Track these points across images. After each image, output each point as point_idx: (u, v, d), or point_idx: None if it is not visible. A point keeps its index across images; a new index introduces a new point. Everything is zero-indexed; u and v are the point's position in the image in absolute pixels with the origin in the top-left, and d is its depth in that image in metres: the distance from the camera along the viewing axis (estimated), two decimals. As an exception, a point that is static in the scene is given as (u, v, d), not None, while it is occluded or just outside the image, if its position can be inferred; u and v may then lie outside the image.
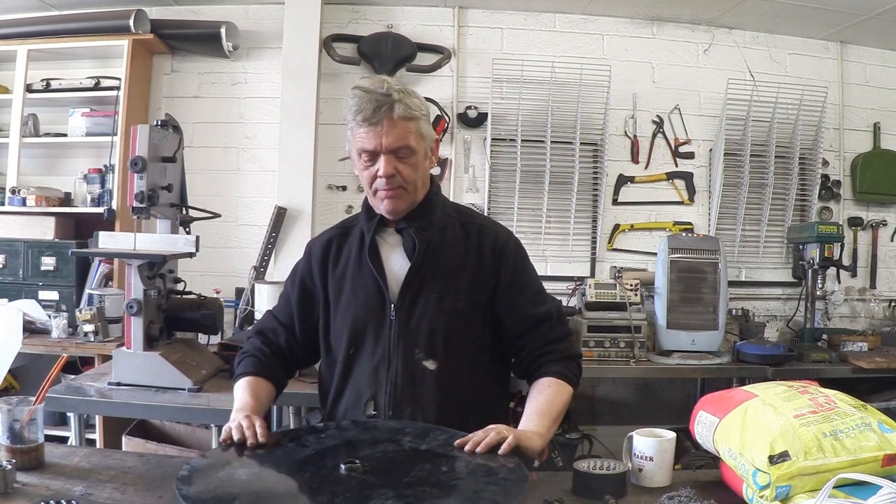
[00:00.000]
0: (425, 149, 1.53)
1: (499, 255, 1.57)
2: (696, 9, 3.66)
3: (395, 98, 1.44)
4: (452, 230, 1.58)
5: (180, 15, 3.66)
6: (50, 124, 3.60)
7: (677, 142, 3.83)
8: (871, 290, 3.94)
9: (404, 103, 1.45)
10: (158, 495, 1.23)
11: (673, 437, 1.39)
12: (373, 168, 1.48)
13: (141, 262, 2.15)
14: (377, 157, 1.47)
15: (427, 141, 1.53)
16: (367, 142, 1.46)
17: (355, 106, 1.45)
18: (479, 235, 1.58)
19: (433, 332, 1.51)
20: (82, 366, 3.02)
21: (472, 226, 1.60)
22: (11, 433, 1.32)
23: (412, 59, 3.66)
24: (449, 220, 1.59)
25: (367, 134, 1.45)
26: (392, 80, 1.50)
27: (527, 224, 3.72)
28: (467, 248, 1.57)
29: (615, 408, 3.80)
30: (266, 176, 3.67)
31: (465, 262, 1.55)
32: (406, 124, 1.46)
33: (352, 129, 1.49)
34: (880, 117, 3.93)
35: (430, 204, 1.58)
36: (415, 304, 1.52)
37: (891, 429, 1.20)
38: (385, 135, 1.44)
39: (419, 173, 1.52)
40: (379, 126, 1.44)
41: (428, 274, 1.53)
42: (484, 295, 1.55)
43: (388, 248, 1.58)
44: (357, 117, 1.45)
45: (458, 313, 1.52)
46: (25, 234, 3.36)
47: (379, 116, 1.43)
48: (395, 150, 1.46)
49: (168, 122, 2.34)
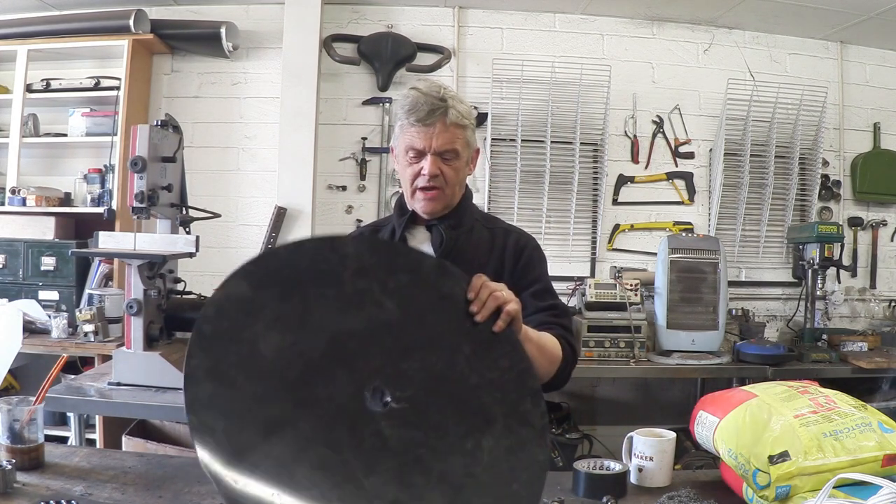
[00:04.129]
0: (468, 156, 1.59)
1: (518, 254, 1.61)
2: (696, 9, 3.66)
3: (449, 104, 1.49)
4: (479, 233, 1.63)
5: (180, 15, 3.66)
6: (50, 124, 3.60)
7: (677, 142, 3.84)
8: (871, 290, 3.94)
9: (457, 110, 1.51)
10: (158, 495, 1.23)
11: (673, 437, 1.39)
12: (416, 166, 1.53)
13: (141, 262, 2.15)
14: (423, 157, 1.52)
15: (471, 149, 1.59)
16: (417, 140, 1.51)
17: (409, 105, 1.50)
18: (504, 237, 1.63)
19: None
20: (82, 366, 3.02)
21: (497, 230, 1.66)
22: (11, 433, 1.32)
23: (412, 59, 3.66)
24: (476, 224, 1.65)
25: (419, 133, 1.50)
26: (447, 86, 1.55)
27: (527, 224, 3.70)
28: (492, 248, 1.61)
29: (615, 408, 3.79)
30: (266, 176, 3.67)
31: (489, 260, 1.59)
32: (456, 130, 1.51)
33: (402, 127, 1.54)
34: (880, 117, 3.93)
35: (462, 207, 1.63)
36: None
37: (891, 429, 1.20)
38: (436, 137, 1.49)
39: (459, 177, 1.57)
40: (431, 128, 1.49)
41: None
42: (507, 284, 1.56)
43: (416, 244, 1.62)
44: (410, 117, 1.50)
45: None
46: (25, 234, 3.36)
47: (433, 119, 1.48)
48: (442, 153, 1.51)
49: (168, 122, 2.34)
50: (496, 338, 1.16)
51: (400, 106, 1.54)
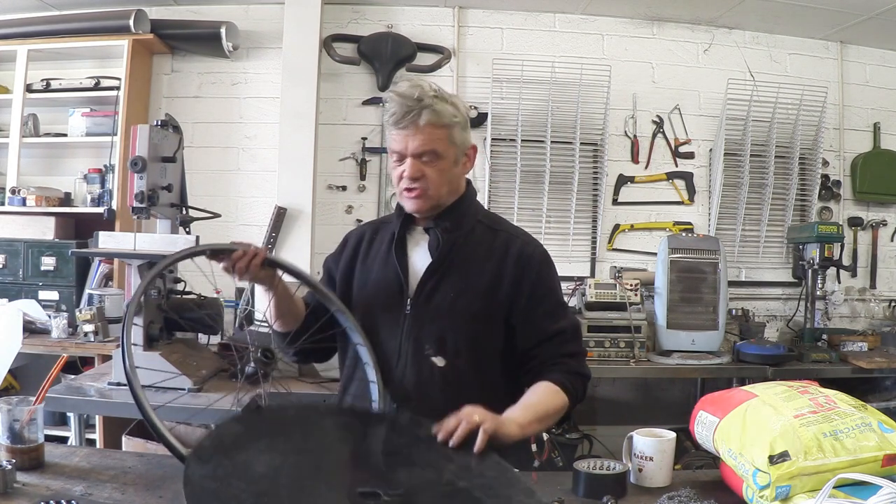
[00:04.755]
0: (456, 154, 1.56)
1: (524, 265, 1.58)
2: (696, 9, 3.66)
3: (425, 104, 1.48)
4: (480, 235, 1.61)
5: (180, 15, 3.66)
6: (50, 124, 3.60)
7: (677, 142, 3.83)
8: (871, 290, 3.94)
9: (434, 110, 1.49)
10: (158, 495, 1.23)
11: (673, 437, 1.39)
12: (400, 168, 1.53)
13: (141, 262, 2.15)
14: (405, 159, 1.52)
15: (459, 147, 1.56)
16: (395, 144, 1.52)
17: (388, 109, 1.52)
18: (507, 243, 1.60)
19: (444, 329, 1.53)
20: (82, 366, 3.02)
21: (500, 233, 1.63)
22: (11, 433, 1.32)
23: (412, 59, 3.66)
24: (478, 226, 1.62)
25: (397, 136, 1.51)
26: (429, 85, 1.53)
27: (527, 224, 3.70)
28: (491, 252, 1.59)
29: (615, 408, 3.79)
30: (266, 176, 3.67)
31: (487, 266, 1.57)
32: (433, 131, 1.50)
33: (388, 130, 1.56)
34: (880, 117, 3.93)
35: (461, 207, 1.61)
36: (430, 300, 1.54)
37: (891, 429, 1.20)
38: (411, 140, 1.50)
39: (445, 178, 1.55)
40: (406, 130, 1.50)
41: (448, 272, 1.55)
42: (501, 300, 1.56)
43: (414, 245, 1.62)
44: (389, 120, 1.52)
45: (471, 314, 1.54)
46: (25, 234, 3.36)
47: (406, 122, 1.49)
48: (419, 155, 1.51)
49: (168, 122, 2.34)
50: (480, 457, 1.23)
51: (384, 109, 1.54)
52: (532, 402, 1.46)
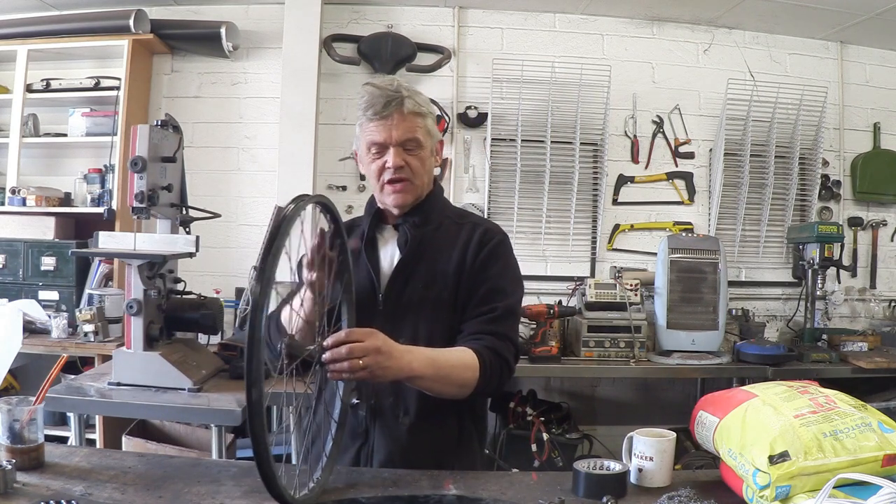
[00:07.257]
0: (432, 146, 1.59)
1: (483, 244, 1.59)
2: (696, 9, 3.66)
3: (404, 94, 1.51)
4: (447, 229, 1.62)
5: (180, 15, 3.66)
6: (50, 124, 3.60)
7: (677, 142, 3.84)
8: (871, 290, 3.94)
9: (413, 100, 1.52)
10: (158, 495, 1.23)
11: (673, 437, 1.39)
12: (380, 160, 1.53)
13: (141, 262, 2.15)
14: (386, 150, 1.52)
15: (433, 139, 1.59)
16: (377, 135, 1.51)
17: (366, 102, 1.52)
18: (471, 230, 1.61)
19: (417, 320, 1.53)
20: (82, 366, 3.02)
21: (466, 224, 1.63)
22: (11, 433, 1.32)
23: (412, 59, 3.66)
24: (446, 220, 1.63)
25: (378, 127, 1.51)
26: (401, 80, 1.57)
27: (527, 224, 3.72)
28: (457, 241, 1.60)
29: (615, 408, 3.80)
30: (266, 176, 3.67)
31: (454, 255, 1.57)
32: (415, 119, 1.52)
33: (361, 125, 1.55)
34: (880, 117, 3.93)
35: (430, 203, 1.62)
36: (402, 294, 1.55)
37: (891, 429, 1.20)
38: (395, 127, 1.50)
39: (426, 168, 1.57)
40: (389, 119, 1.50)
41: (417, 266, 1.56)
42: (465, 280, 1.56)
43: (384, 243, 1.63)
44: (368, 112, 1.51)
45: (442, 302, 1.54)
46: (25, 234, 3.36)
47: (389, 110, 1.49)
48: (403, 143, 1.52)
49: (168, 122, 2.34)
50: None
51: (357, 105, 1.54)
52: (437, 351, 1.42)
